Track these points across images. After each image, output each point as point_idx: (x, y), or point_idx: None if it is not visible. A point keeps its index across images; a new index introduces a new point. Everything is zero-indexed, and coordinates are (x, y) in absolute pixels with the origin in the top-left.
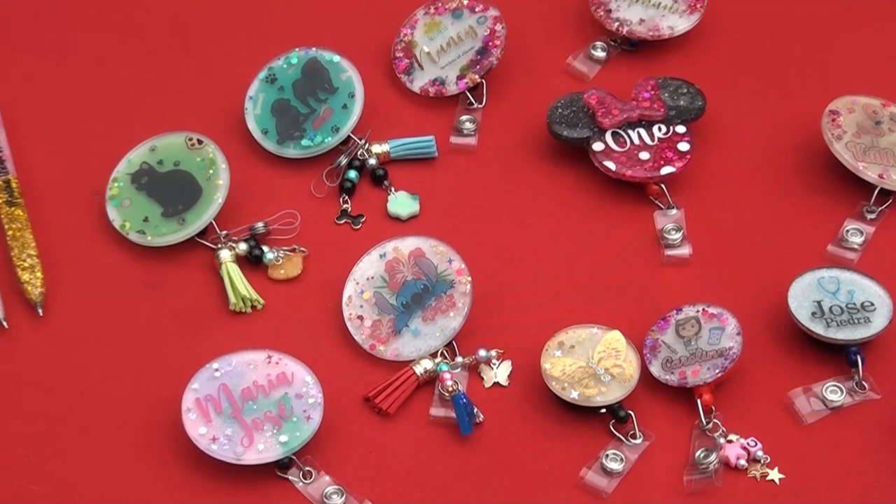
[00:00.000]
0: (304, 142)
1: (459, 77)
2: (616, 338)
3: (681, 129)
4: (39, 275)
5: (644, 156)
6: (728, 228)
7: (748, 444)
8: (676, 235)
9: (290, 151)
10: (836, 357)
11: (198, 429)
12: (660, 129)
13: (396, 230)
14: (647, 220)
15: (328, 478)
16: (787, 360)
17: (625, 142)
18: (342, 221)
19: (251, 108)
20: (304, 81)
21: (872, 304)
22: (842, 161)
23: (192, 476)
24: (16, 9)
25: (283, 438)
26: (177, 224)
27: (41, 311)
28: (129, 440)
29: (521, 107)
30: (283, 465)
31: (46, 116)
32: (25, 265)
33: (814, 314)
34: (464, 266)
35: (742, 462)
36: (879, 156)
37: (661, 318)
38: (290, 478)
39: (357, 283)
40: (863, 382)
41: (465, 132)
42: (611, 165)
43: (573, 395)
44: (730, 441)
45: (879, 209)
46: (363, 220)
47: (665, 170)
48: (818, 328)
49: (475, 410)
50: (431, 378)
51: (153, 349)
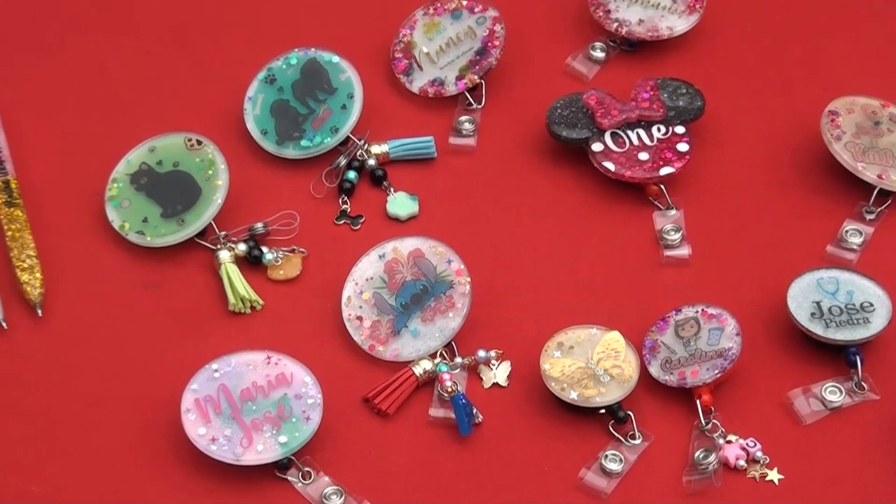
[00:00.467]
0: (304, 142)
1: (458, 78)
2: (615, 338)
3: (680, 130)
4: (38, 275)
5: (643, 156)
6: (727, 229)
7: (747, 445)
8: (675, 236)
9: (290, 152)
10: (836, 357)
11: (197, 429)
12: (659, 130)
13: (395, 231)
14: (647, 221)
15: (327, 478)
16: (787, 361)
17: (624, 142)
18: (341, 222)
19: (250, 109)
20: (304, 82)
21: (871, 305)
22: (841, 161)
23: (192, 477)
24: (15, 10)
25: (283, 439)
26: (176, 225)
27: (40, 312)
28: (129, 441)
29: (521, 107)
30: (283, 466)
31: (46, 117)
32: (24, 266)
33: (813, 315)
34: (463, 267)
35: (741, 463)
36: (878, 156)
37: (661, 319)
38: (290, 478)
39: (356, 284)
40: (862, 383)
41: (465, 133)
42: (610, 166)
43: (572, 396)
44: (729, 442)
45: (878, 210)
46: (362, 221)
47: (664, 170)
48: (817, 329)
49: (474, 411)
50: (431, 379)
51: (152, 350)
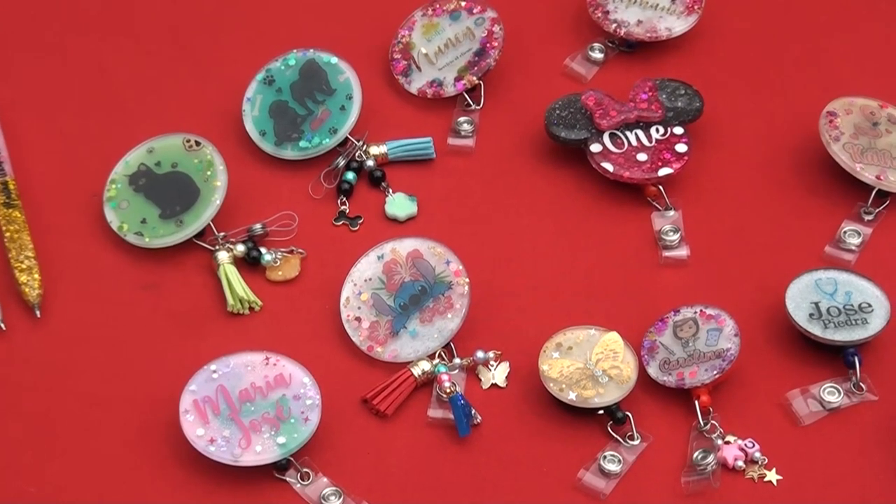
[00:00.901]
0: (302, 143)
1: (457, 78)
2: (614, 339)
3: (678, 131)
4: (37, 276)
5: (642, 157)
6: (726, 230)
7: (746, 446)
8: (674, 237)
9: (288, 153)
10: (834, 358)
11: (196, 430)
12: (657, 131)
13: (394, 231)
14: (645, 222)
15: (326, 479)
16: (785, 362)
17: (622, 143)
18: (340, 223)
19: (249, 110)
20: (302, 83)
21: (870, 306)
22: (839, 162)
23: (190, 478)
24: (14, 11)
25: (281, 440)
26: (175, 226)
27: (39, 313)
28: (127, 442)
29: (519, 108)
30: (281, 467)
31: (44, 118)
32: (23, 267)
33: (811, 315)
34: (461, 267)
35: (740, 463)
36: (877, 157)
37: (659, 320)
38: (288, 479)
39: (355, 285)
40: (860, 384)
41: (463, 133)
42: (608, 167)
43: (571, 397)
44: (727, 442)
45: (877, 210)
46: (361, 222)
47: (663, 171)
48: (816, 329)
49: (473, 412)
50: (429, 379)
51: (151, 351)
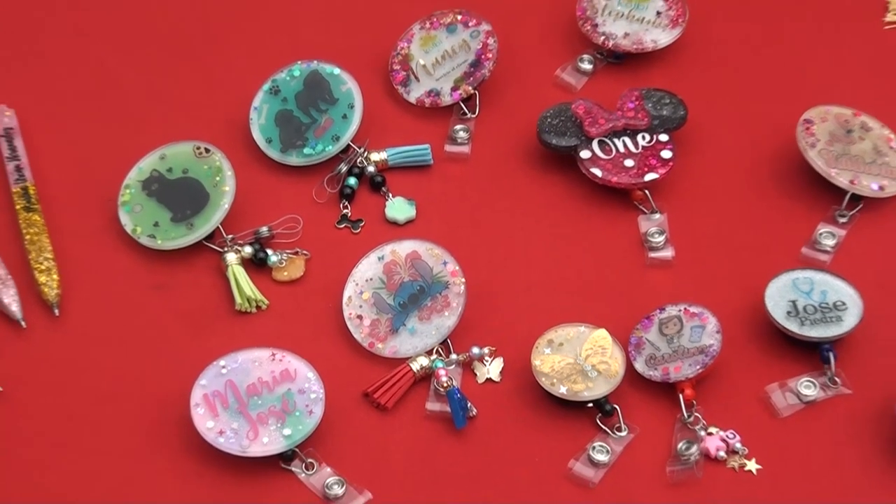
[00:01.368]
0: (306, 150)
1: (454, 88)
2: (602, 336)
3: (664, 138)
4: (55, 277)
5: (629, 163)
6: (708, 232)
7: (727, 437)
8: (659, 238)
9: (293, 159)
10: (810, 354)
11: (206, 423)
12: (644, 138)
13: (394, 234)
14: (632, 224)
15: (329, 469)
16: (764, 357)
17: (610, 150)
18: (342, 226)
19: (256, 119)
20: (306, 93)
21: (844, 304)
22: (815, 167)
23: (200, 468)
24: (34, 26)
25: (287, 432)
26: (185, 228)
27: (57, 312)
28: (141, 434)
29: (513, 116)
30: (287, 458)
31: (62, 127)
32: (42, 268)
33: (789, 313)
34: (458, 268)
35: (721, 454)
36: (850, 162)
37: (645, 317)
38: (293, 469)
39: (356, 285)
40: (835, 378)
41: (459, 141)
42: (597, 172)
43: (562, 391)
44: (710, 434)
45: (851, 213)
46: (362, 225)
47: (649, 176)
48: (793, 326)
49: (469, 405)
50: (427, 374)
51: (163, 347)
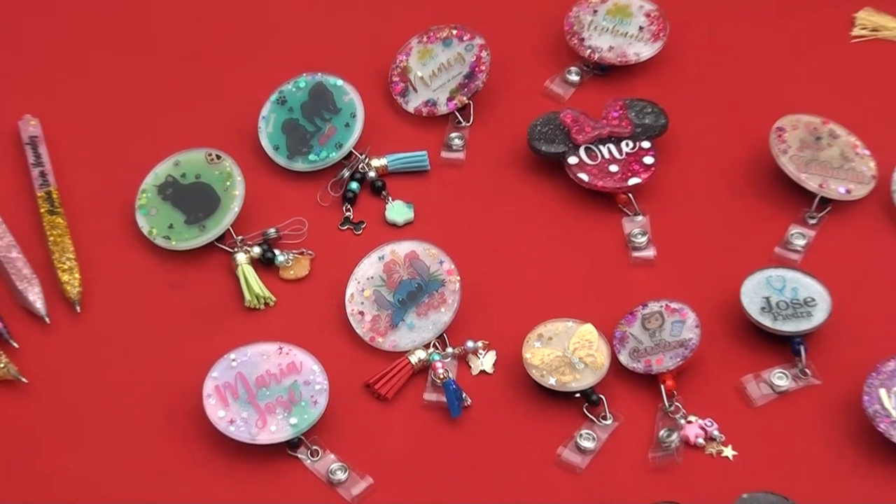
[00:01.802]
0: (311, 157)
1: (449, 98)
2: (589, 330)
3: (646, 145)
4: (77, 276)
5: (613, 168)
6: (688, 233)
7: (705, 425)
8: (642, 239)
9: (299, 165)
10: (783, 347)
11: (217, 412)
12: (627, 145)
13: (393, 235)
14: (616, 226)
15: (333, 456)
16: (740, 350)
17: (596, 156)
18: (345, 228)
19: (264, 127)
20: (311, 103)
21: (814, 300)
22: (787, 172)
23: (212, 455)
24: (57, 43)
25: (293, 421)
26: (198, 230)
27: (79, 309)
28: (157, 423)
29: (505, 125)
30: (293, 445)
31: (83, 135)
32: (65, 267)
33: (763, 309)
34: (453, 267)
35: (700, 440)
36: (819, 168)
37: (629, 313)
38: (299, 456)
39: (358, 283)
40: (805, 370)
41: (455, 148)
42: (584, 177)
43: (551, 382)
44: (689, 422)
45: (820, 215)
46: (364, 227)
47: (632, 181)
48: (767, 321)
49: (463, 395)
50: (425, 366)
51: (177, 342)
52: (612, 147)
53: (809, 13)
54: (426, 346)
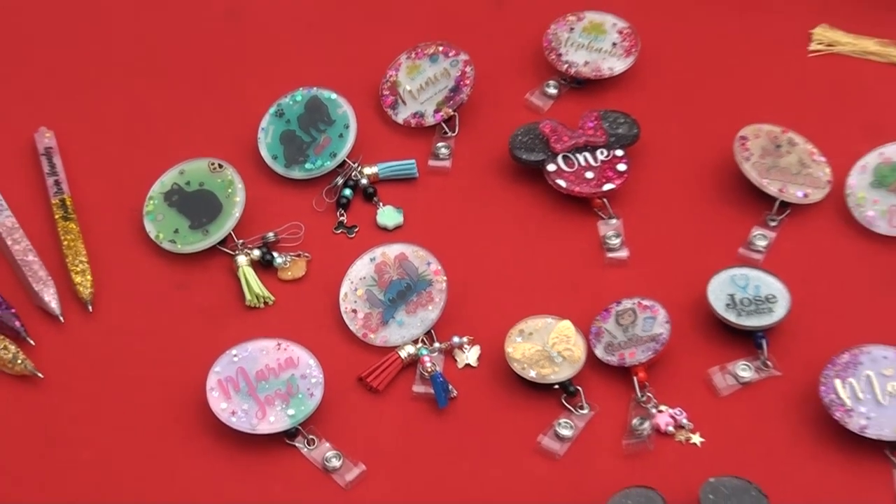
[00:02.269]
0: (307, 165)
1: (436, 111)
2: (567, 326)
3: (619, 153)
4: (89, 277)
5: (589, 175)
6: (659, 234)
7: (675, 414)
8: (616, 241)
9: (296, 173)
10: (746, 341)
11: (220, 404)
12: (602, 153)
13: (384, 238)
14: (592, 229)
15: (328, 444)
16: (707, 344)
17: (573, 163)
18: (339, 231)
19: (263, 138)
20: (307, 115)
21: (775, 297)
22: (750, 178)
23: (216, 444)
24: (72, 60)
25: (291, 412)
26: (201, 234)
27: (91, 308)
28: (164, 414)
29: (488, 135)
30: (291, 434)
31: (95, 146)
32: (78, 269)
33: (728, 305)
34: (440, 268)
35: (670, 428)
36: (780, 173)
37: (604, 310)
38: (297, 445)
39: (351, 282)
40: (767, 362)
41: (441, 156)
42: (562, 183)
43: (531, 374)
44: (660, 411)
45: (780, 218)
46: (356, 230)
47: (607, 186)
48: (731, 316)
49: (450, 387)
50: (413, 361)
51: (183, 339)
52: (588, 155)
53: (770, 30)
54: (415, 342)
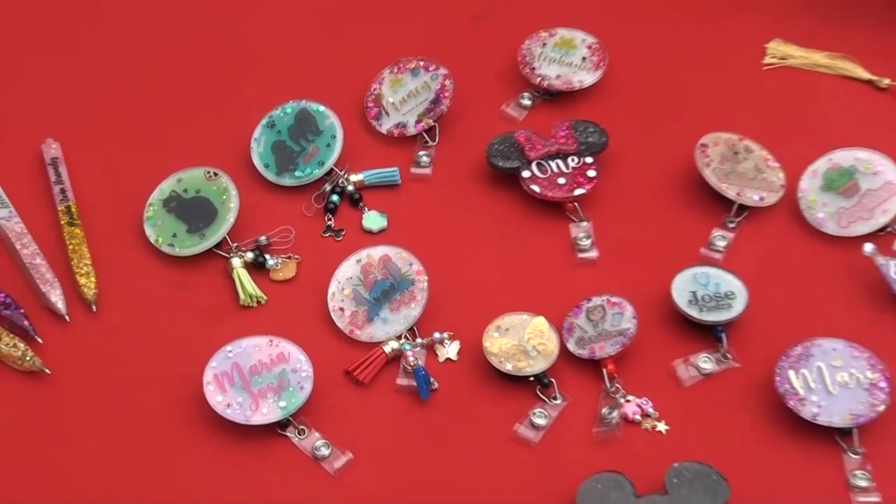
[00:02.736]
0: (297, 173)
1: (417, 121)
2: (541, 322)
3: (589, 160)
4: (93, 279)
5: (561, 181)
6: (626, 236)
7: (642, 403)
8: (587, 242)
9: (286, 181)
10: (707, 335)
11: (216, 397)
12: (573, 160)
13: (369, 241)
14: (564, 231)
15: (318, 434)
16: (671, 338)
17: (547, 170)
18: (327, 235)
19: (255, 148)
20: (297, 126)
21: (733, 294)
22: (710, 183)
23: (212, 435)
24: (76, 77)
25: (282, 404)
26: (198, 238)
27: (94, 308)
28: (163, 407)
29: (466, 144)
30: (283, 425)
31: (98, 156)
32: (82, 272)
33: (690, 301)
34: (422, 268)
35: (637, 417)
36: (737, 178)
37: (576, 306)
38: (288, 434)
39: (339, 282)
40: (727, 354)
41: (423, 164)
42: (536, 188)
43: (508, 367)
44: (628, 401)
45: (738, 220)
46: (343, 234)
47: (577, 191)
48: (693, 312)
49: (431, 380)
50: (397, 355)
51: (181, 336)
52: (560, 162)
53: (728, 45)
54: (398, 338)
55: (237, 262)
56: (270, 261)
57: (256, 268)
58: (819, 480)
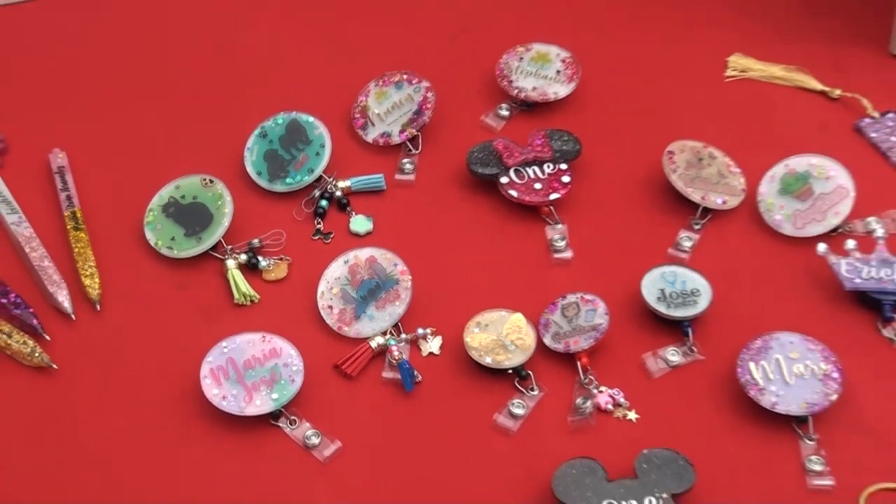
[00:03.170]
0: (288, 180)
1: (401, 131)
2: (519, 318)
3: (564, 166)
4: (97, 280)
5: (538, 186)
6: (599, 237)
7: (614, 394)
8: (562, 243)
9: (278, 187)
10: (675, 329)
11: (212, 390)
12: (549, 167)
13: (356, 243)
14: (540, 233)
15: (308, 424)
16: (641, 332)
17: (524, 176)
18: (316, 238)
19: (249, 156)
20: (288, 136)
21: (699, 291)
22: (676, 187)
23: (209, 425)
24: (81, 91)
25: (275, 396)
26: (195, 241)
27: (98, 307)
28: (163, 399)
29: (447, 152)
30: (275, 416)
31: (102, 165)
32: (87, 273)
33: (659, 298)
34: (406, 268)
35: (609, 407)
36: (702, 183)
37: (551, 303)
38: (280, 425)
39: (327, 282)
40: (692, 348)
41: (406, 171)
42: (514, 193)
43: (487, 361)
44: (601, 391)
45: (703, 222)
46: (332, 237)
47: (553, 196)
48: (662, 308)
49: (415, 373)
50: (383, 350)
51: (180, 333)
52: (537, 169)
53: (692, 58)
54: (384, 333)
55: (232, 264)
56: (263, 262)
57: (250, 269)
58: (777, 465)
